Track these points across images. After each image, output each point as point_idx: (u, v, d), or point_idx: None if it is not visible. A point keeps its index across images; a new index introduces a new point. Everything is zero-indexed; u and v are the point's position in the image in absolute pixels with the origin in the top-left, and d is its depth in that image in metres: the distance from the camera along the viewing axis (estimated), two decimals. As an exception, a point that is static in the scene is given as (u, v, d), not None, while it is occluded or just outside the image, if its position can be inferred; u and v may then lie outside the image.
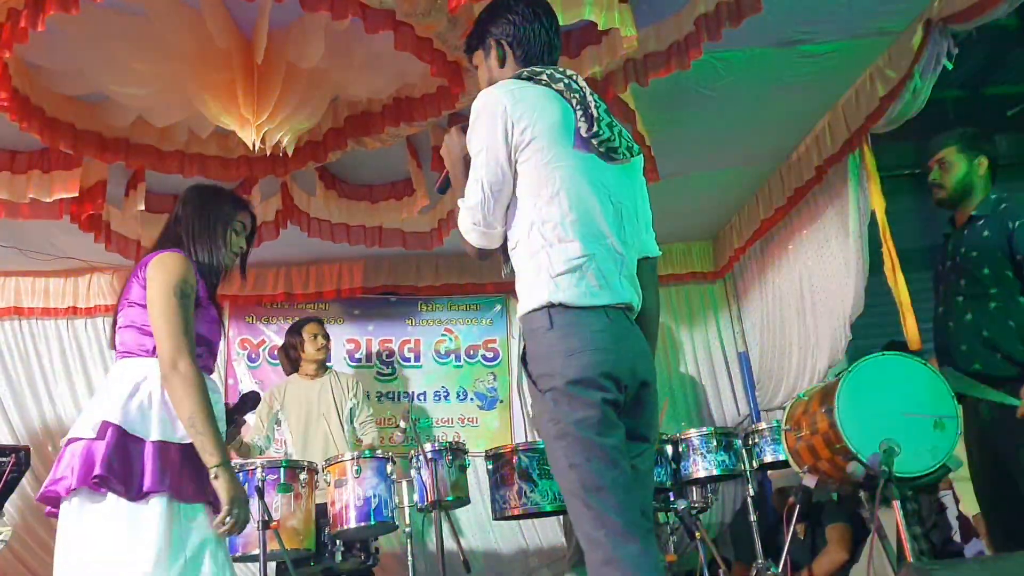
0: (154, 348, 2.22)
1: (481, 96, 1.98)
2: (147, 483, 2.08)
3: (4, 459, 3.30)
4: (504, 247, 2.01)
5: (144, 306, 2.26)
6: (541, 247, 1.89)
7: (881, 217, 4.06)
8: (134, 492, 2.07)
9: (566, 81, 2.00)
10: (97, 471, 2.04)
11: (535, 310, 1.87)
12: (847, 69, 3.98)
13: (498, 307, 5.75)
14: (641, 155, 2.11)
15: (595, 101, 2.00)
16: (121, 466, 2.07)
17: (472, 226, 1.97)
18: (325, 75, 3.38)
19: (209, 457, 2.12)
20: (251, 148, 3.36)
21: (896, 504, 2.74)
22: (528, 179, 1.93)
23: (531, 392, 1.87)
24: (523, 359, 1.89)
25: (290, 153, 3.57)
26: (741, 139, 4.51)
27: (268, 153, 3.51)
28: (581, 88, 2.01)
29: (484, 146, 1.94)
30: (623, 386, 1.84)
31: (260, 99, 3.22)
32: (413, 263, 5.53)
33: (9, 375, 5.04)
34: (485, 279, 5.62)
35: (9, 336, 5.10)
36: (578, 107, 1.97)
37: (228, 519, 2.11)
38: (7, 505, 3.96)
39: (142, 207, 4.07)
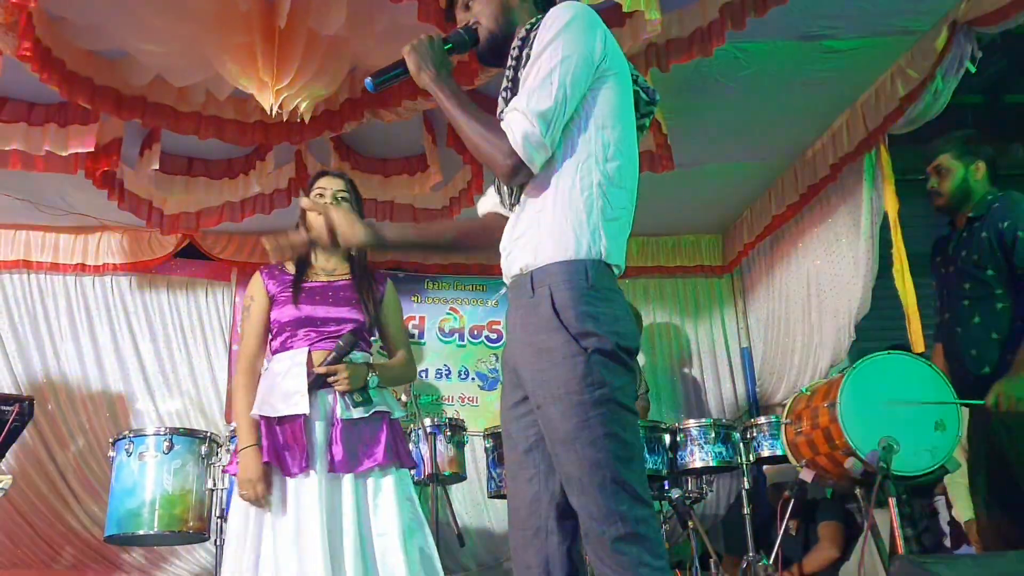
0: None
1: (569, 6, 1.76)
2: None
3: (7, 408, 3.31)
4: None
5: None
6: (599, 184, 1.71)
7: (894, 219, 4.06)
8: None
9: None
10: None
11: (575, 260, 1.68)
12: (869, 67, 3.97)
13: (504, 289, 5.75)
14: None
15: (641, 77, 1.90)
16: None
17: (538, 136, 1.68)
18: (345, 43, 3.38)
19: None
20: (269, 112, 3.36)
21: (892, 501, 2.75)
22: (599, 106, 1.74)
23: (558, 351, 1.66)
24: (554, 310, 1.67)
25: (307, 120, 3.57)
26: (758, 133, 4.50)
27: (285, 119, 3.52)
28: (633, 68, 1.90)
29: (576, 53, 1.71)
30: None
31: (280, 64, 3.22)
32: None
33: (15, 327, 5.05)
34: (493, 260, 5.57)
35: (17, 288, 5.12)
36: (635, 76, 1.87)
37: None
38: (7, 456, 3.99)
39: (156, 167, 4.07)
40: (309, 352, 2.58)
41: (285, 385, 2.52)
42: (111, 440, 3.78)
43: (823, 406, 2.99)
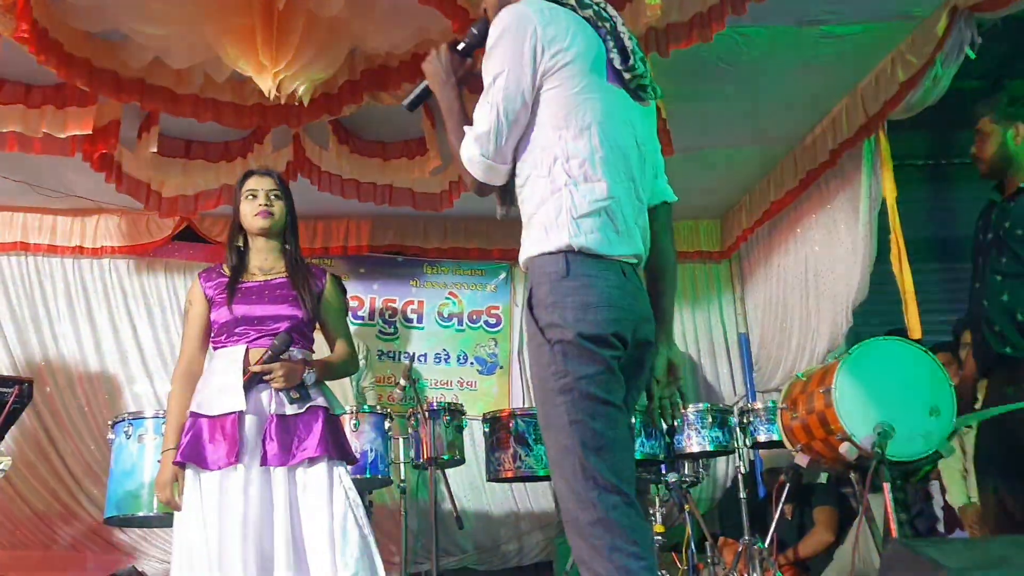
0: None
1: (505, 13, 1.78)
2: None
3: (7, 390, 3.32)
4: (504, 186, 1.85)
5: None
6: (564, 184, 1.74)
7: (892, 205, 4.06)
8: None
9: (595, 8, 1.84)
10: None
11: (550, 253, 1.73)
12: (869, 53, 3.96)
13: (503, 274, 5.76)
14: (658, 98, 1.96)
15: (627, 32, 1.85)
16: None
17: (480, 157, 1.77)
18: (345, 25, 3.37)
19: None
20: (267, 95, 3.35)
21: (886, 486, 2.78)
22: (553, 109, 1.76)
23: (533, 340, 1.75)
24: (529, 304, 1.75)
25: (305, 103, 3.57)
26: (757, 118, 4.50)
27: (283, 102, 3.51)
28: (611, 17, 1.85)
29: (506, 68, 1.75)
30: (628, 346, 1.77)
31: (279, 46, 3.22)
32: (421, 224, 5.53)
33: (13, 309, 5.06)
34: (492, 245, 5.63)
35: (15, 271, 5.11)
36: (608, 37, 1.82)
37: None
38: (7, 438, 4.00)
39: (154, 149, 4.07)
40: (247, 349, 2.58)
41: (221, 382, 2.52)
42: (110, 422, 3.79)
43: (819, 391, 3.01)
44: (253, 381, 2.53)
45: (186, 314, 2.71)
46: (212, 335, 2.64)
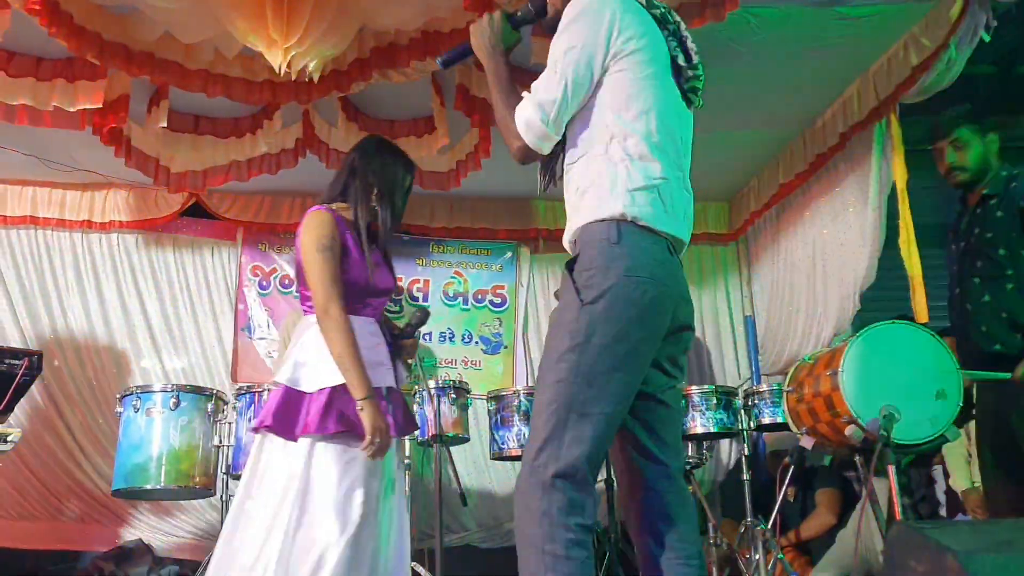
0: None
1: None
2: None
3: (17, 362, 3.34)
4: (548, 162, 1.92)
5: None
6: (621, 160, 1.80)
7: (902, 189, 4.05)
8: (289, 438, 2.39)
9: (662, 10, 1.93)
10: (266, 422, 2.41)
11: (602, 220, 1.77)
12: (882, 35, 3.93)
13: (509, 254, 5.76)
14: (698, 107, 2.05)
15: (689, 36, 1.95)
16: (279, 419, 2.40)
17: (539, 123, 1.81)
18: (354, 2, 3.35)
19: (355, 391, 2.35)
20: (277, 71, 3.34)
21: (891, 470, 2.78)
22: (616, 90, 1.82)
23: (566, 302, 1.77)
24: (570, 267, 1.79)
25: (315, 80, 3.56)
26: (767, 100, 4.47)
27: (293, 78, 3.50)
28: (676, 22, 1.95)
29: (580, 44, 1.81)
30: (665, 323, 1.80)
31: (289, 22, 3.20)
32: (428, 203, 5.53)
33: (23, 283, 5.08)
34: (499, 225, 5.62)
35: (24, 245, 5.13)
36: (671, 38, 1.91)
37: (370, 447, 2.35)
38: (16, 411, 4.03)
39: (164, 124, 4.06)
40: (377, 323, 2.59)
41: (371, 357, 2.47)
42: (118, 396, 3.82)
43: (825, 374, 3.01)
44: (394, 356, 2.60)
45: (328, 250, 2.45)
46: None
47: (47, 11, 3.12)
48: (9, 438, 3.49)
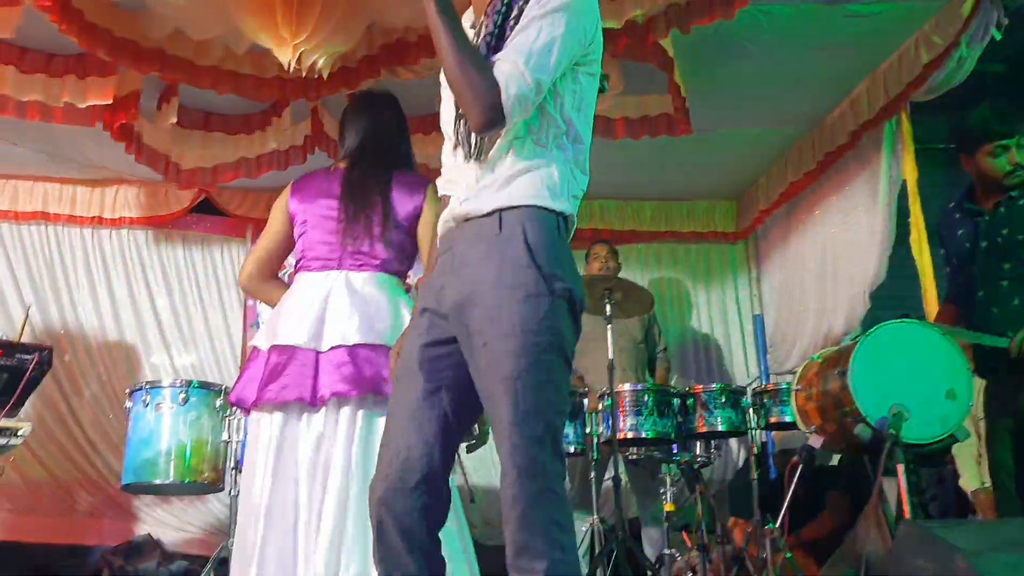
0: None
1: None
2: None
3: (27, 357, 3.36)
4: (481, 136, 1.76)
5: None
6: (567, 162, 1.75)
7: (912, 187, 4.04)
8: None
9: None
10: None
11: (552, 211, 1.70)
12: (892, 33, 3.92)
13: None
14: None
15: None
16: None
17: (529, 102, 1.67)
18: (364, -1, 3.36)
19: None
20: (286, 68, 3.35)
21: (900, 469, 2.77)
22: (575, 93, 1.77)
23: (525, 286, 1.64)
24: (528, 245, 1.66)
25: (325, 77, 3.56)
26: (777, 98, 4.46)
27: (303, 75, 3.51)
28: None
29: (572, 31, 1.71)
30: None
31: (298, 19, 3.21)
32: (437, 200, 5.53)
33: (33, 278, 5.11)
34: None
35: (36, 240, 5.17)
36: None
37: None
38: (26, 405, 4.06)
39: (174, 121, 4.08)
40: None
41: None
42: (128, 391, 3.84)
43: (834, 373, 3.00)
44: None
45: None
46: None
47: (58, 8, 3.14)
48: (20, 432, 3.52)
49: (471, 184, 1.75)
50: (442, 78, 1.77)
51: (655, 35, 3.41)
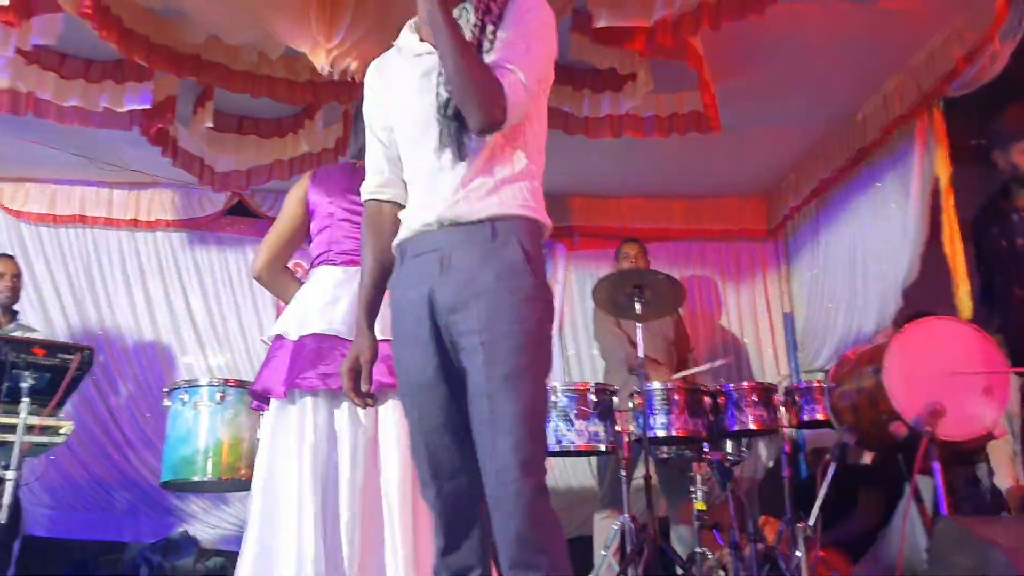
0: None
1: (544, 3, 1.83)
2: None
3: (69, 357, 3.41)
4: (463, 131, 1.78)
5: None
6: (538, 179, 1.84)
7: (945, 184, 4.00)
8: None
9: None
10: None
11: (537, 223, 1.79)
12: (924, 28, 3.89)
13: (544, 250, 5.77)
14: None
15: None
16: None
17: (524, 108, 1.76)
18: (395, 1, 3.39)
19: None
20: (320, 71, 3.39)
21: (937, 467, 2.76)
22: (544, 102, 1.87)
23: (523, 290, 1.72)
24: (527, 255, 1.74)
25: (358, 80, 3.60)
26: (808, 95, 4.44)
27: (336, 78, 3.55)
28: None
29: (551, 47, 1.82)
30: None
31: (332, 22, 3.26)
32: (465, 201, 5.56)
33: (71, 280, 5.21)
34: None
35: (73, 242, 5.27)
36: None
37: None
38: (67, 405, 4.14)
39: (210, 125, 4.14)
40: None
41: None
42: (165, 390, 3.90)
43: (869, 370, 2.99)
44: None
45: None
46: None
47: (98, 15, 3.20)
48: (62, 431, 3.58)
49: (453, 186, 1.77)
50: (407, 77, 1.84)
51: (685, 33, 3.41)
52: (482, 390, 1.67)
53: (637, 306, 3.89)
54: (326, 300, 2.53)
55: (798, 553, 3.69)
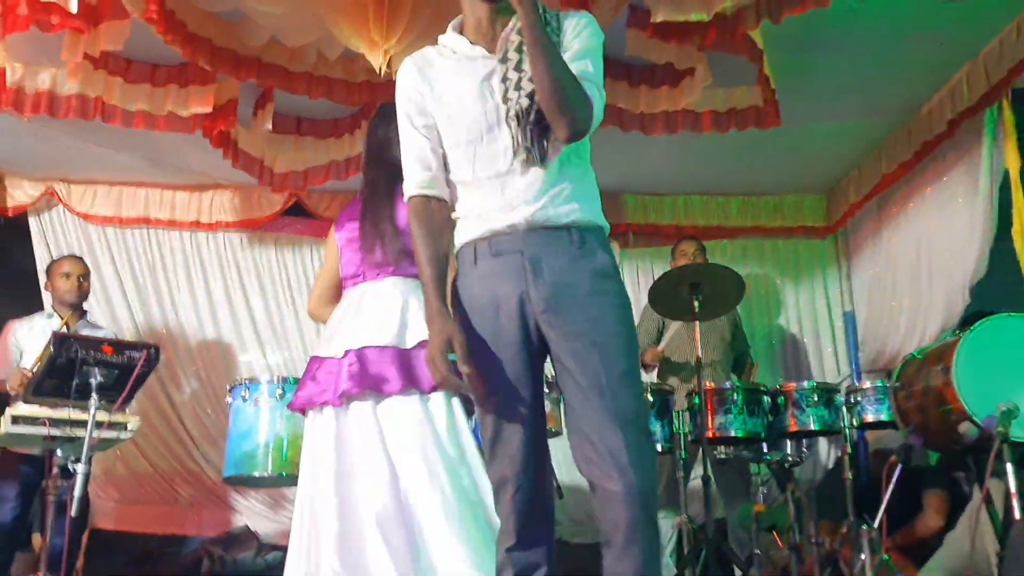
0: None
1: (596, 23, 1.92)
2: None
3: (136, 354, 3.49)
4: (545, 135, 1.83)
5: None
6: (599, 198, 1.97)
7: (1015, 177, 3.88)
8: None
9: None
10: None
11: (607, 230, 1.91)
12: (992, 18, 3.78)
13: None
14: None
15: None
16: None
17: (601, 112, 1.85)
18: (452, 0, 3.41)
19: None
20: (377, 72, 3.42)
21: (1010, 468, 2.67)
22: None
23: (618, 295, 1.84)
24: (615, 265, 1.88)
25: (414, 79, 3.62)
26: (870, 89, 4.34)
27: (393, 78, 3.58)
28: None
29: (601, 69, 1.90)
30: None
31: (389, 22, 3.28)
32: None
33: (137, 280, 5.34)
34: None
35: (139, 244, 5.40)
36: None
37: None
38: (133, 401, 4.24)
39: (270, 127, 4.21)
40: None
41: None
42: (228, 387, 3.98)
43: (937, 369, 2.91)
44: None
45: None
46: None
47: (163, 20, 3.28)
48: (129, 426, 3.68)
49: (534, 190, 1.82)
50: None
51: (745, 27, 3.36)
52: (603, 385, 1.76)
53: (695, 303, 3.84)
54: (331, 322, 2.83)
55: (862, 556, 3.61)
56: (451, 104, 1.89)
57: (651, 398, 3.85)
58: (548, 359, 1.88)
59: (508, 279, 1.81)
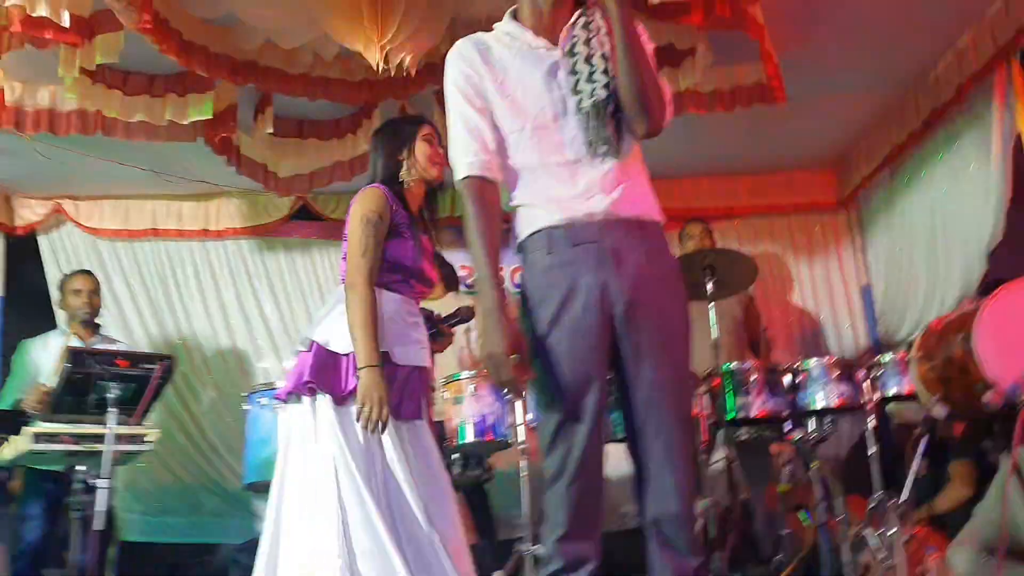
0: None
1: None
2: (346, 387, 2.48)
3: (152, 366, 3.51)
4: (619, 127, 1.88)
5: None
6: None
7: (1028, 141, 3.82)
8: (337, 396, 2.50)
9: None
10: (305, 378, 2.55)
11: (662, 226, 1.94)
12: (998, -25, 3.71)
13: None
14: None
15: None
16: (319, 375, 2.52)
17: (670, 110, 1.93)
18: (446, -7, 3.38)
19: (359, 359, 2.44)
20: (375, 69, 3.40)
21: (1037, 435, 2.62)
22: None
23: (684, 294, 1.91)
24: (676, 258, 1.98)
25: (413, 74, 3.60)
26: (874, 57, 4.27)
27: (391, 75, 3.55)
28: None
29: None
30: None
31: (383, 18, 3.26)
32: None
33: (148, 292, 5.35)
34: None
35: (148, 256, 5.40)
36: None
37: (361, 415, 2.42)
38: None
39: (270, 130, 4.20)
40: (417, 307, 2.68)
41: (416, 336, 2.59)
42: (244, 394, 3.98)
43: (958, 338, 2.86)
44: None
45: (374, 224, 2.52)
46: (385, 269, 2.56)
47: (157, 29, 3.26)
48: (148, 438, 3.68)
49: (609, 181, 1.85)
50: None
51: (744, 2, 3.31)
52: (673, 385, 1.82)
53: (709, 286, 3.81)
54: None
55: (892, 530, 3.57)
56: (516, 90, 1.89)
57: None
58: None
59: (590, 268, 1.80)
